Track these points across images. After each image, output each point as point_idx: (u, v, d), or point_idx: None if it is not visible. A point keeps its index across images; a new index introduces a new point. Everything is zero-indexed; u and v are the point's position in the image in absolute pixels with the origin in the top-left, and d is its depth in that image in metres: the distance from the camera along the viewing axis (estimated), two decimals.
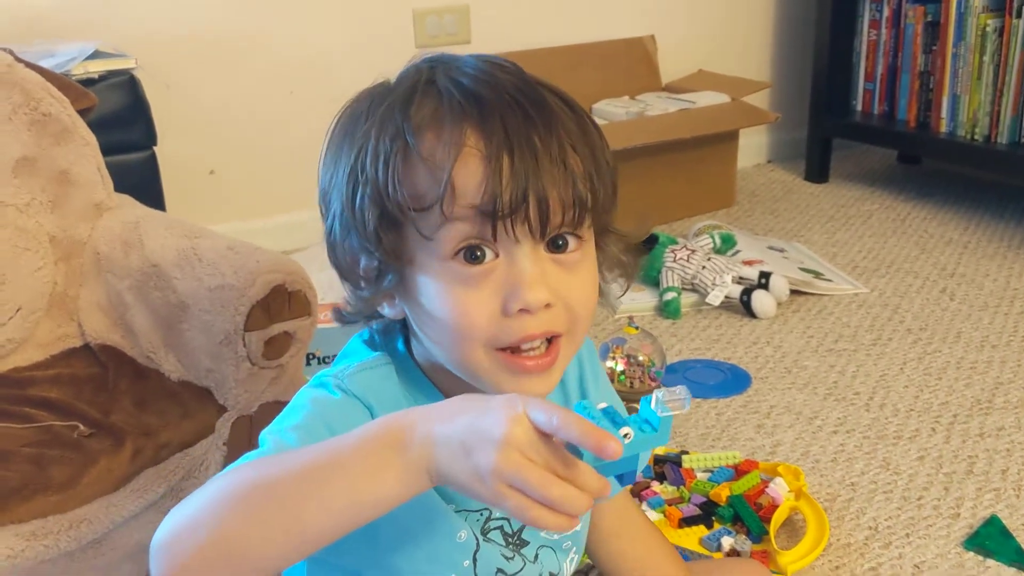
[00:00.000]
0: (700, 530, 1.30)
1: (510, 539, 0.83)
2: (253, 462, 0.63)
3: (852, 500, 1.39)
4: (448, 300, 0.70)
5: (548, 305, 0.70)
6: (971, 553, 1.27)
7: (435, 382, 0.78)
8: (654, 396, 0.60)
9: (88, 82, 1.63)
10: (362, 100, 0.73)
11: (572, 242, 0.71)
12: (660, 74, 2.82)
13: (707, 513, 1.33)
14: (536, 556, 0.85)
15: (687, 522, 1.31)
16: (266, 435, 0.70)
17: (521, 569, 0.83)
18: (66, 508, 1.14)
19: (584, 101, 2.63)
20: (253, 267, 1.28)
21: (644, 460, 0.89)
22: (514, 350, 0.71)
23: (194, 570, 0.59)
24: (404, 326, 0.78)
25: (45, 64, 1.55)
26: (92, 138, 1.46)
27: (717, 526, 1.31)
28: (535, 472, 0.56)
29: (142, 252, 1.38)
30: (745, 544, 1.26)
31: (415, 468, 0.59)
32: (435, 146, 0.67)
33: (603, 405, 0.61)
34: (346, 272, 0.74)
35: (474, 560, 0.79)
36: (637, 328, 1.56)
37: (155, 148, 1.75)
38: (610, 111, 2.56)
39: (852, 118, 2.87)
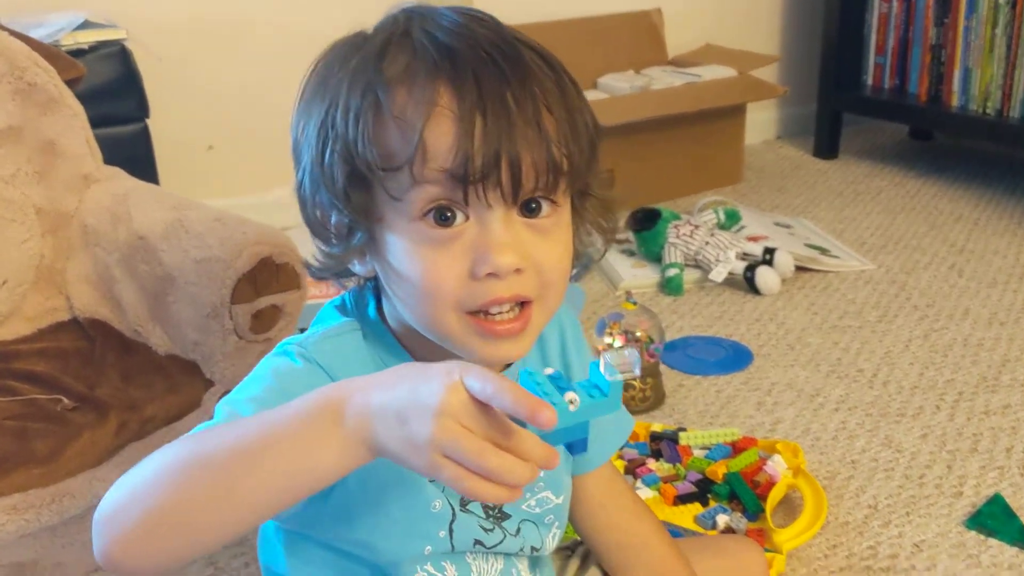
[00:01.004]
0: (695, 508, 1.28)
1: (490, 511, 0.81)
2: (197, 434, 0.61)
3: (852, 478, 1.36)
4: (416, 261, 0.68)
5: (518, 270, 0.67)
6: (973, 532, 1.24)
7: (408, 347, 0.76)
8: (602, 360, 0.58)
9: (78, 53, 1.61)
10: (337, 50, 0.71)
11: (546, 207, 0.69)
12: (667, 48, 2.78)
13: (703, 491, 1.30)
14: (518, 530, 0.83)
15: (682, 500, 1.29)
16: (221, 405, 0.68)
17: (501, 542, 0.81)
18: (49, 482, 1.13)
19: (588, 75, 2.60)
20: (240, 239, 1.26)
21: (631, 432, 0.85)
22: (485, 314, 0.69)
23: (134, 541, 0.58)
24: (377, 290, 0.76)
25: (34, 35, 1.53)
26: (80, 109, 1.43)
27: (713, 504, 1.29)
28: (470, 441, 0.54)
29: (130, 224, 1.36)
30: (741, 522, 1.23)
31: (353, 440, 0.57)
32: (406, 103, 0.65)
33: (550, 371, 0.59)
34: (316, 228, 0.72)
35: (450, 531, 0.77)
36: (635, 303, 1.53)
37: (148, 121, 1.72)
38: (614, 85, 2.52)
39: (862, 92, 2.82)
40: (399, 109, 0.65)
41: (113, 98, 1.66)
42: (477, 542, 0.79)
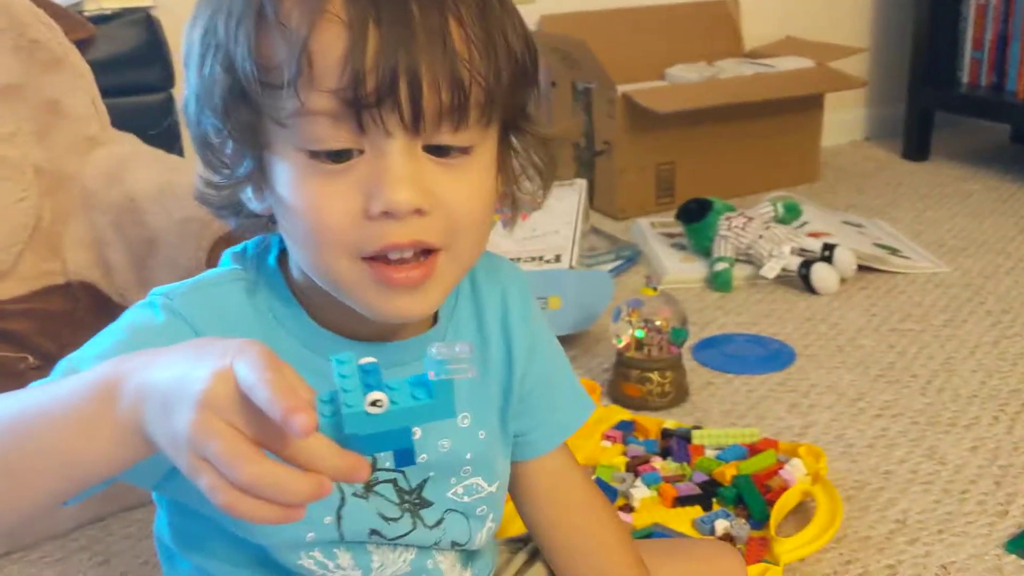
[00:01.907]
0: (696, 511, 1.15)
1: (406, 496, 0.71)
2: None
3: (883, 489, 1.21)
4: (303, 194, 0.59)
5: (419, 211, 0.58)
6: (1013, 556, 1.07)
7: (304, 301, 0.67)
8: (428, 354, 0.47)
9: (101, 19, 1.59)
10: None
11: (453, 142, 0.59)
12: (743, 39, 2.63)
13: (707, 493, 1.17)
14: (440, 521, 0.72)
15: (682, 502, 1.16)
16: (63, 360, 0.60)
17: (407, 533, 0.71)
18: None
19: (655, 66, 2.48)
20: None
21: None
22: (383, 259, 0.60)
23: None
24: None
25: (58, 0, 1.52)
26: (87, 69, 1.40)
27: (717, 508, 1.16)
28: (224, 443, 0.44)
29: (122, 186, 1.32)
30: (743, 529, 1.10)
31: (125, 426, 0.48)
32: (292, 7, 0.56)
33: (368, 360, 0.47)
34: (202, 152, 0.63)
35: (338, 517, 0.67)
36: (655, 289, 1.40)
37: (172, 91, 1.69)
38: (681, 75, 2.39)
39: (957, 90, 2.61)
40: (284, 14, 0.56)
41: (137, 66, 1.63)
42: (374, 532, 0.69)
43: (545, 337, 0.79)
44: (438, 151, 0.59)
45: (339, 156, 0.58)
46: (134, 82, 1.64)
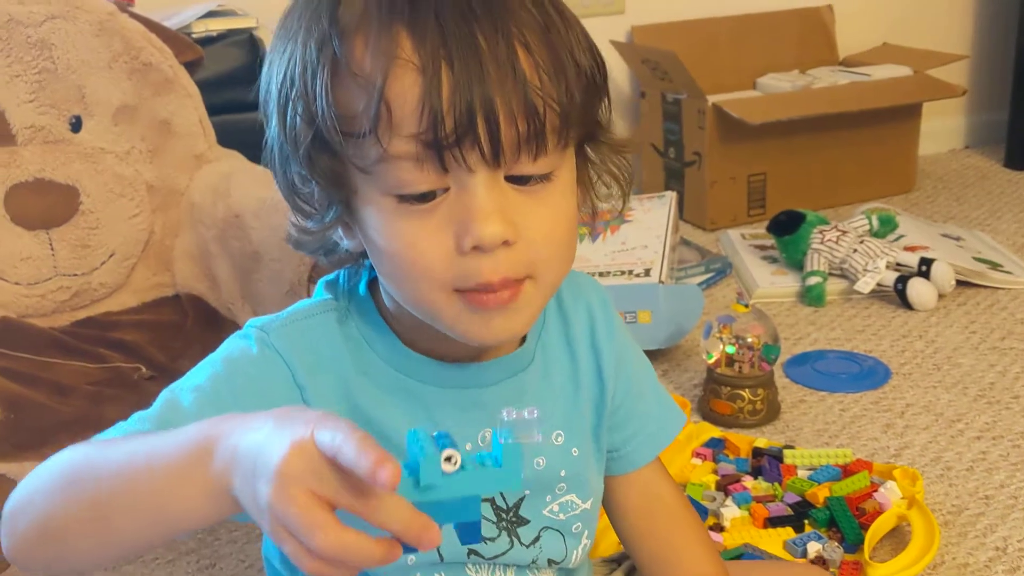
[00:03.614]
0: (787, 533, 1.14)
1: (503, 514, 0.73)
2: (98, 442, 0.58)
3: (982, 515, 1.18)
4: (395, 237, 0.61)
5: (507, 242, 0.59)
6: None
7: (396, 328, 0.69)
8: (498, 419, 0.49)
9: (207, 40, 1.66)
10: None
11: (533, 171, 0.60)
12: (837, 47, 2.59)
13: (799, 515, 1.17)
14: (537, 539, 0.74)
15: (773, 523, 1.16)
16: (166, 391, 0.64)
17: (505, 552, 0.72)
18: None
19: (748, 75, 2.47)
20: None
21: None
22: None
23: (28, 546, 0.56)
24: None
25: (167, 23, 1.58)
26: (195, 89, 1.47)
27: (809, 530, 1.15)
28: (302, 514, 0.46)
29: (227, 202, 1.38)
30: (836, 552, 1.09)
31: (216, 486, 0.50)
32: (364, 56, 0.58)
33: (436, 431, 0.50)
34: (290, 199, 0.66)
35: None
36: (747, 306, 1.40)
37: None
38: (773, 85, 2.37)
39: None
40: (358, 63, 0.58)
41: (240, 85, 1.69)
42: (472, 552, 0.71)
43: (632, 350, 0.80)
44: (519, 180, 0.60)
45: (425, 196, 0.59)
46: (238, 100, 1.70)
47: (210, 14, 1.64)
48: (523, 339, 0.73)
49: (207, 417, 0.59)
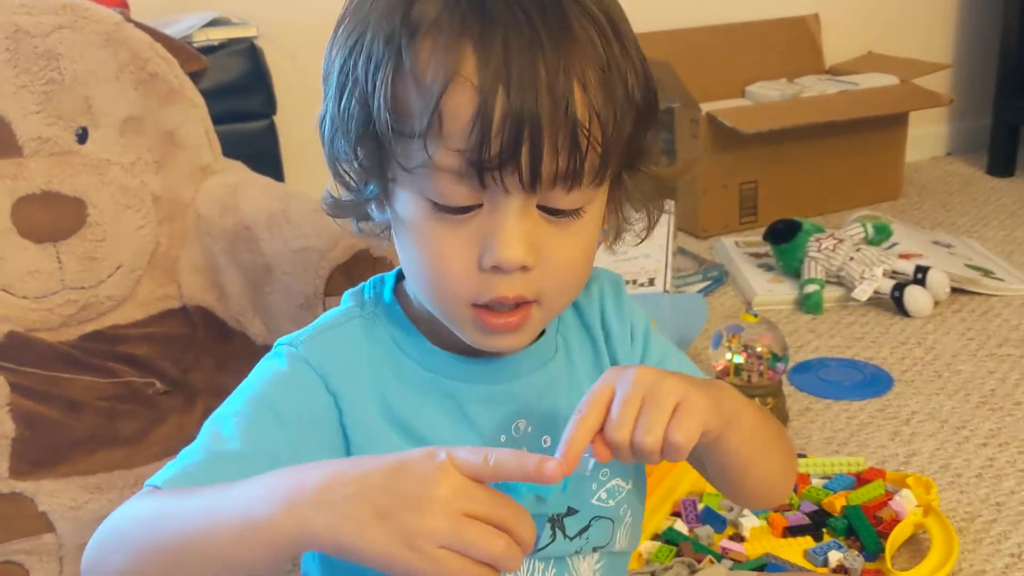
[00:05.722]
0: (807, 542, 1.16)
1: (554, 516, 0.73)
2: (163, 496, 0.60)
3: (995, 522, 1.20)
4: (426, 239, 0.63)
5: (525, 267, 0.62)
6: None
7: (424, 328, 0.70)
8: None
9: (208, 49, 1.64)
10: None
11: (566, 204, 0.62)
12: (824, 56, 2.62)
13: (817, 523, 1.18)
14: (585, 528, 0.74)
15: (792, 532, 1.17)
16: (208, 423, 0.65)
17: (546, 547, 0.72)
18: (133, 464, 1.13)
19: (736, 84, 2.48)
20: (336, 230, 1.24)
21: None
22: (485, 306, 0.64)
23: None
24: (400, 272, 0.72)
25: (167, 32, 1.57)
26: (200, 100, 1.45)
27: (827, 539, 1.16)
28: (475, 529, 0.53)
29: (236, 214, 1.37)
30: (856, 561, 1.10)
31: (288, 535, 0.54)
32: (428, 63, 0.59)
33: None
34: (334, 170, 0.67)
35: None
36: (756, 316, 1.41)
37: (274, 118, 1.74)
38: (762, 93, 2.39)
39: None
40: (421, 68, 0.59)
41: (241, 94, 1.69)
42: None
43: (643, 323, 0.80)
44: (551, 211, 0.62)
45: (460, 209, 0.61)
46: (239, 109, 1.69)
47: (211, 23, 1.63)
48: (542, 331, 0.74)
49: (251, 441, 0.62)
